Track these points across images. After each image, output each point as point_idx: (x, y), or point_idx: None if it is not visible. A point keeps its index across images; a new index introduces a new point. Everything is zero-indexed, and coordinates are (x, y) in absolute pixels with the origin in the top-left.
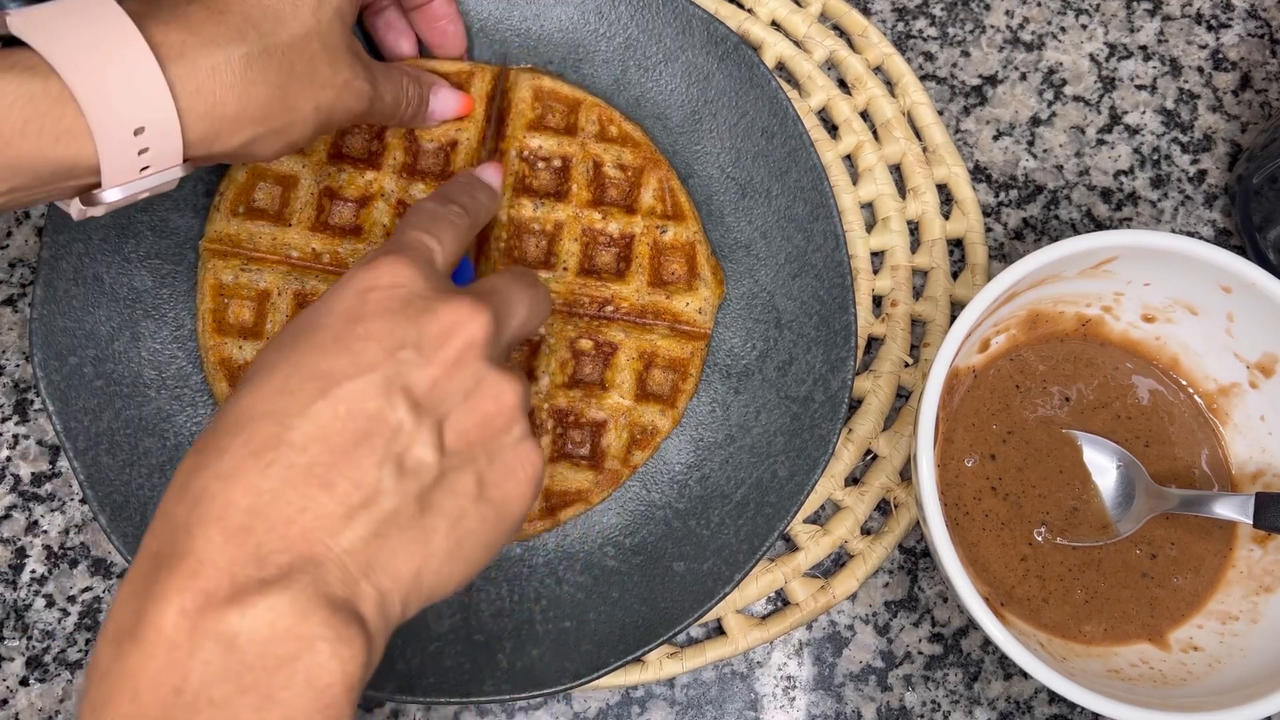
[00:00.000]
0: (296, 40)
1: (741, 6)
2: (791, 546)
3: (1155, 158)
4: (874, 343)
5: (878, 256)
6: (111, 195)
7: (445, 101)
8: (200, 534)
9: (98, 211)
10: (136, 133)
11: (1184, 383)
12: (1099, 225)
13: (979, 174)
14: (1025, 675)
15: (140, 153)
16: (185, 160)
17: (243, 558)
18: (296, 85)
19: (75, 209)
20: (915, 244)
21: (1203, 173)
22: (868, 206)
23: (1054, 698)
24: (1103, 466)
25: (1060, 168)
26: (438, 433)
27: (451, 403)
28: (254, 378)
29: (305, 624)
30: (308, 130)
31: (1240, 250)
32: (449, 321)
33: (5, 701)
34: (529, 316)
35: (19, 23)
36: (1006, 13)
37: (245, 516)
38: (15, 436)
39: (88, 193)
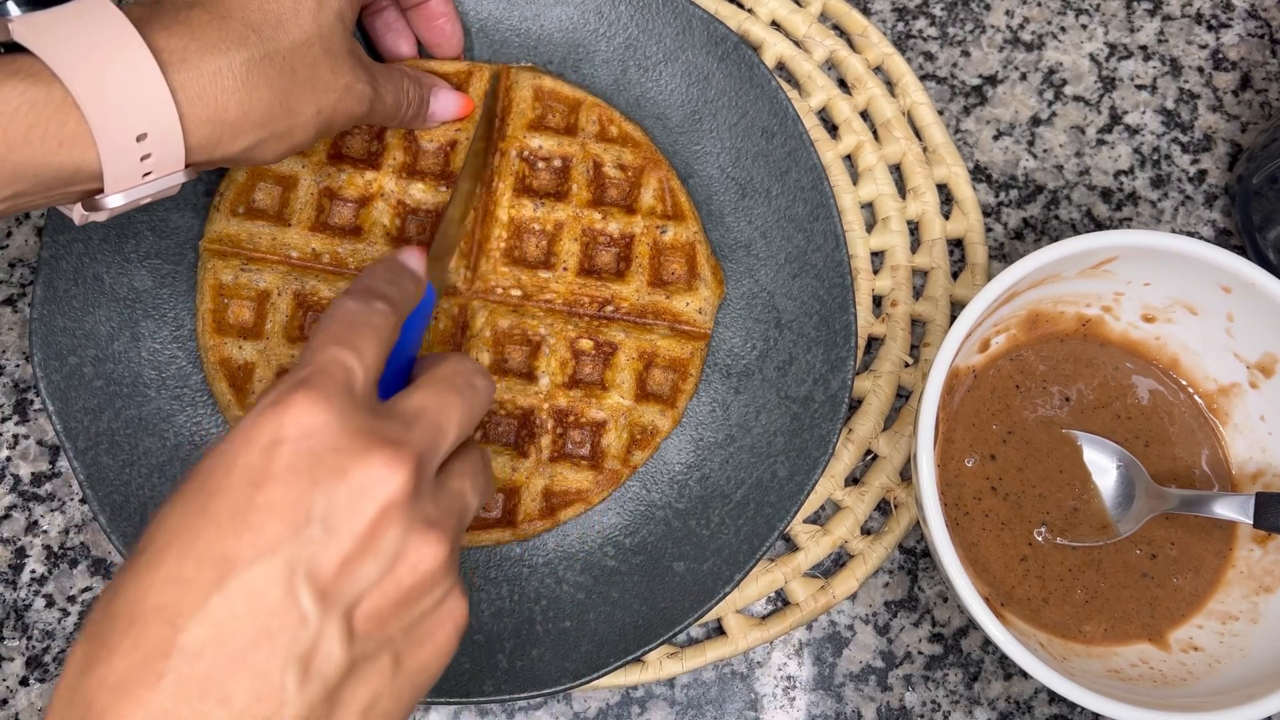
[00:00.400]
0: (298, 45)
1: (741, 6)
2: (791, 546)
3: (1155, 158)
4: (874, 343)
5: (878, 256)
6: (114, 201)
7: (445, 103)
8: None
9: (100, 217)
10: (139, 138)
11: (1184, 383)
12: (1099, 225)
13: (979, 174)
14: (1025, 675)
15: (143, 158)
16: (188, 165)
17: None
18: (298, 89)
19: (77, 214)
20: (915, 244)
21: (1203, 173)
22: (868, 206)
23: (1054, 698)
24: (1103, 466)
25: (1060, 168)
26: (347, 622)
27: (364, 582)
28: (146, 551)
29: None
30: (310, 133)
31: (1240, 250)
32: (362, 485)
33: (5, 701)
34: (467, 419)
35: (21, 29)
36: (1006, 13)
37: None
38: (15, 436)
39: (90, 198)
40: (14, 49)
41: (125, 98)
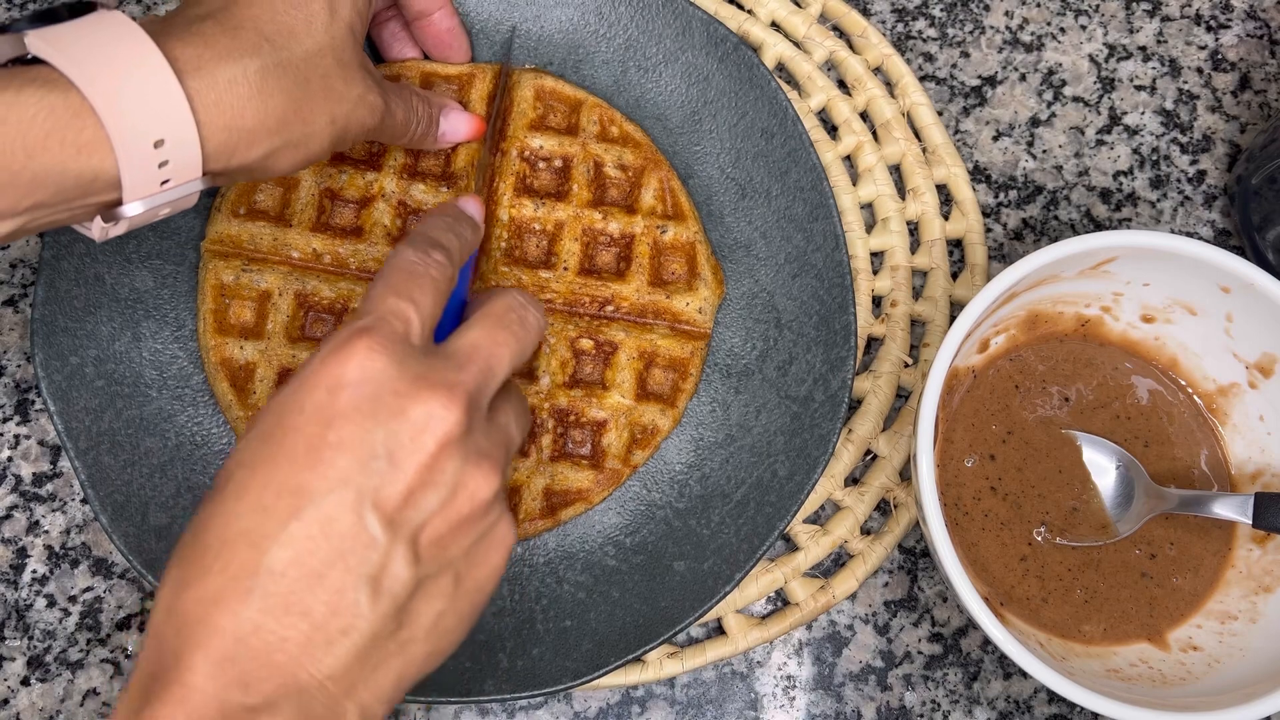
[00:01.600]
0: (310, 54)
1: (741, 7)
2: (791, 546)
3: (1154, 158)
4: (874, 343)
5: (877, 257)
6: (133, 209)
7: (455, 123)
8: (188, 661)
9: (119, 229)
10: (156, 144)
11: (1183, 383)
12: (1098, 226)
13: (978, 174)
14: (1025, 675)
15: (160, 165)
16: (205, 174)
17: (230, 685)
18: (312, 98)
19: (97, 228)
20: (915, 244)
21: (1202, 173)
22: (867, 207)
23: (1053, 697)
24: (1102, 466)
25: (1060, 168)
26: (413, 545)
27: (426, 510)
28: (229, 483)
29: None
30: (324, 143)
31: (1239, 251)
32: (420, 422)
33: (6, 701)
34: (519, 354)
35: (38, 42)
36: (1006, 13)
37: (230, 644)
38: (16, 436)
39: (109, 209)
40: (31, 63)
41: (142, 103)
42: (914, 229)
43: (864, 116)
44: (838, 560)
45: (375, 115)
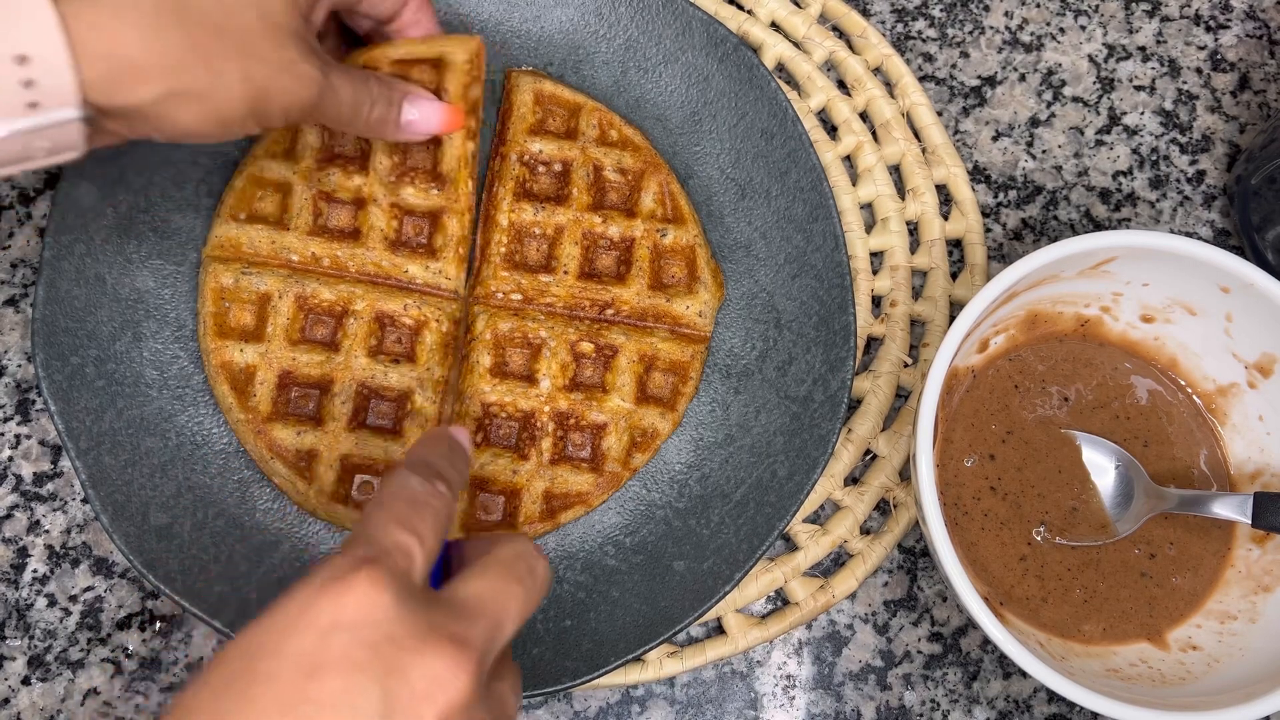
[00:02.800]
0: (228, 3)
1: (741, 8)
2: (791, 546)
3: (1154, 158)
4: (873, 343)
5: (877, 257)
6: None
7: (426, 112)
8: None
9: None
10: (19, 59)
11: (1183, 383)
12: (1098, 226)
13: (978, 174)
14: (1024, 674)
15: (25, 85)
16: (89, 109)
17: None
18: (223, 48)
19: None
20: (914, 244)
21: (1201, 173)
22: (867, 207)
23: (1053, 697)
24: (1102, 466)
25: (1059, 168)
26: None
27: None
28: None
29: None
30: (236, 103)
31: (1239, 251)
32: (423, 686)
33: (7, 701)
34: (526, 610)
35: None
36: (1005, 14)
37: None
38: (17, 436)
39: None
40: None
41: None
42: (914, 229)
43: (864, 117)
44: (837, 560)
45: (308, 87)
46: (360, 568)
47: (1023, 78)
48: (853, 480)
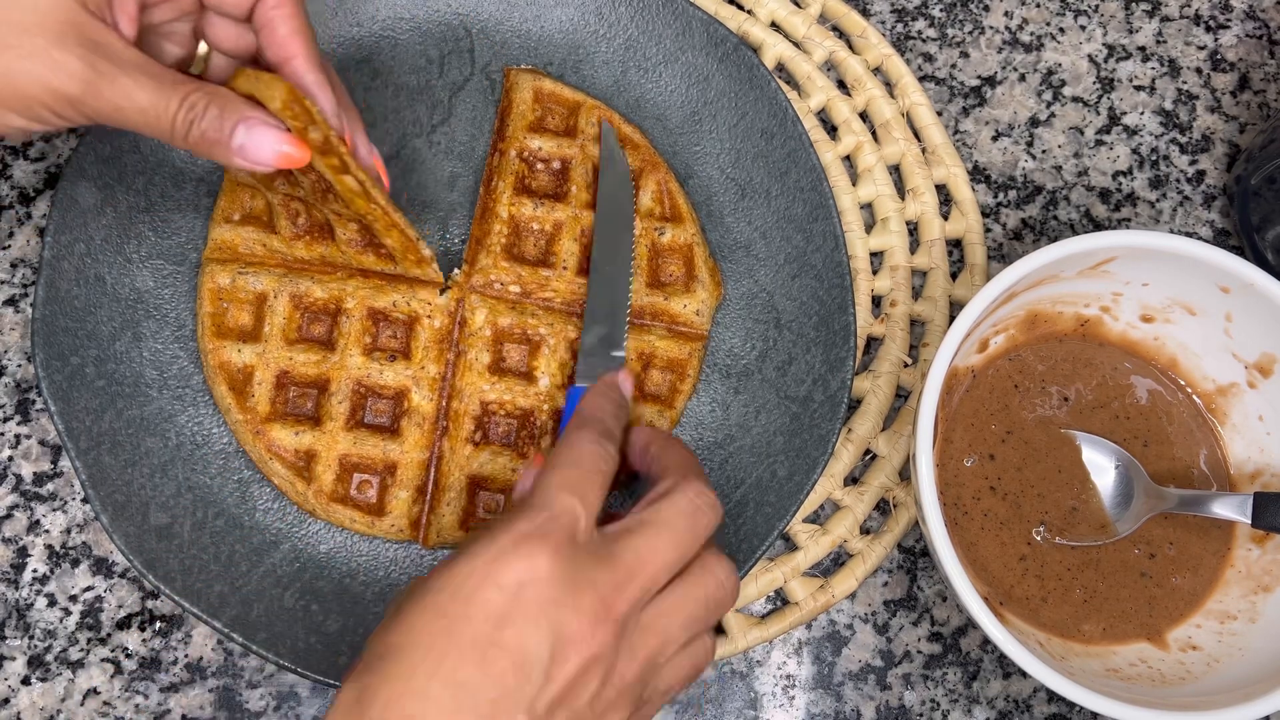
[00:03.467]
0: None
1: (741, 8)
2: (791, 546)
3: (1154, 158)
4: (873, 343)
5: (877, 257)
6: None
7: (259, 140)
8: None
9: None
10: None
11: (1182, 383)
12: (1098, 226)
13: (978, 174)
14: (1024, 674)
15: None
16: None
17: None
18: None
19: None
20: (914, 244)
21: (1201, 173)
22: (867, 207)
23: (1053, 697)
24: (1101, 466)
25: (1059, 168)
26: None
27: (567, 713)
28: (398, 655)
29: None
30: None
31: (1239, 250)
32: (577, 637)
33: (7, 701)
34: (681, 563)
35: None
36: (1005, 14)
37: None
38: (17, 436)
39: None
40: None
41: None
42: (913, 229)
43: (864, 117)
44: (837, 560)
45: (73, 84)
46: (537, 539)
47: (1023, 78)
48: (853, 480)
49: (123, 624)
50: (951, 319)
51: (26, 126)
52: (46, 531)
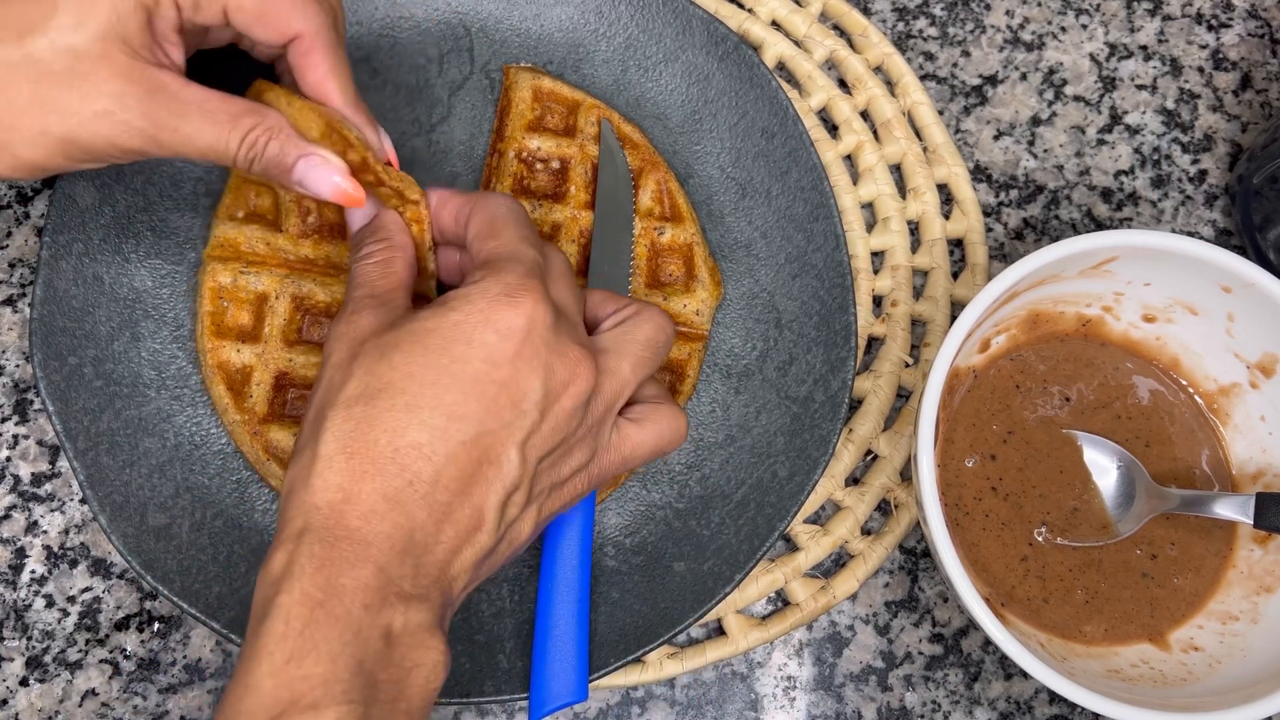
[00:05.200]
0: (29, 58)
1: (741, 6)
2: (792, 546)
3: (1156, 158)
4: (874, 343)
5: (878, 256)
6: None
7: (318, 176)
8: (377, 548)
9: None
10: None
11: (1184, 383)
12: (1099, 225)
13: (979, 174)
14: (1026, 675)
15: None
16: None
17: (403, 575)
18: (12, 103)
19: None
20: (915, 244)
21: (1203, 173)
22: (868, 206)
23: (1054, 698)
24: (1103, 466)
25: (1060, 168)
26: (533, 479)
27: (546, 453)
28: (397, 389)
29: (431, 638)
30: (40, 153)
31: (1240, 250)
32: (566, 377)
33: (5, 702)
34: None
35: None
36: (1007, 12)
37: (405, 541)
38: (15, 436)
39: None
40: None
41: None
42: (915, 228)
43: (864, 116)
44: (838, 560)
45: (132, 138)
46: (526, 284)
47: (1024, 77)
48: (853, 481)
49: (121, 625)
50: (953, 319)
51: (79, 168)
52: (45, 532)
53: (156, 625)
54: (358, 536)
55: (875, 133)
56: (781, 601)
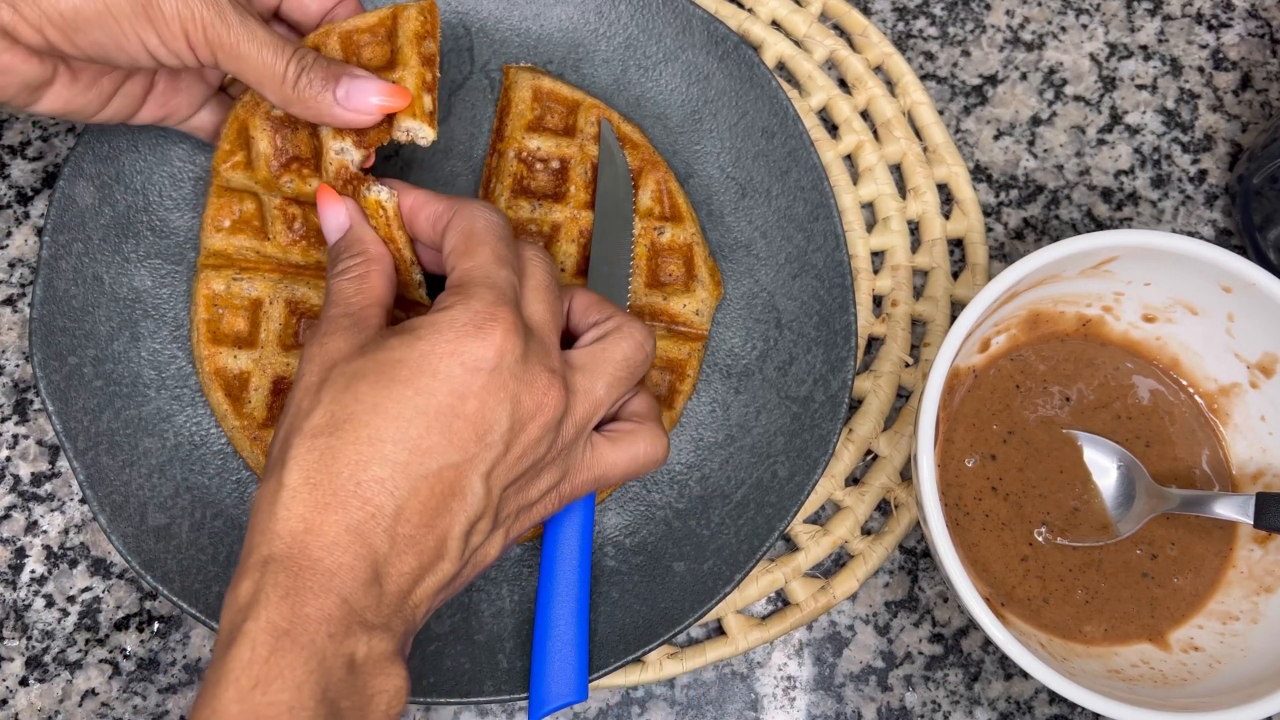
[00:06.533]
0: None
1: (741, 6)
2: (792, 546)
3: (1156, 157)
4: (874, 343)
5: (878, 256)
6: None
7: (361, 89)
8: (340, 579)
9: None
10: None
11: (1184, 383)
12: (1099, 225)
13: (979, 174)
14: (1026, 675)
15: None
16: None
17: (370, 604)
18: None
19: None
20: (915, 244)
21: (1203, 172)
22: (868, 206)
23: (1054, 698)
24: (1103, 466)
25: (1061, 167)
26: (498, 507)
27: (512, 481)
28: (359, 423)
29: (393, 665)
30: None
31: (1241, 250)
32: (533, 407)
33: (5, 701)
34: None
35: None
36: (1007, 12)
37: (368, 571)
38: (15, 436)
39: None
40: None
41: None
42: (915, 228)
43: (864, 115)
44: (838, 560)
45: (210, 11)
46: (495, 313)
47: (1024, 76)
48: (853, 480)
49: (121, 625)
50: (953, 319)
51: (154, 49)
52: (44, 532)
53: (156, 625)
54: (321, 567)
55: (875, 132)
56: (781, 601)
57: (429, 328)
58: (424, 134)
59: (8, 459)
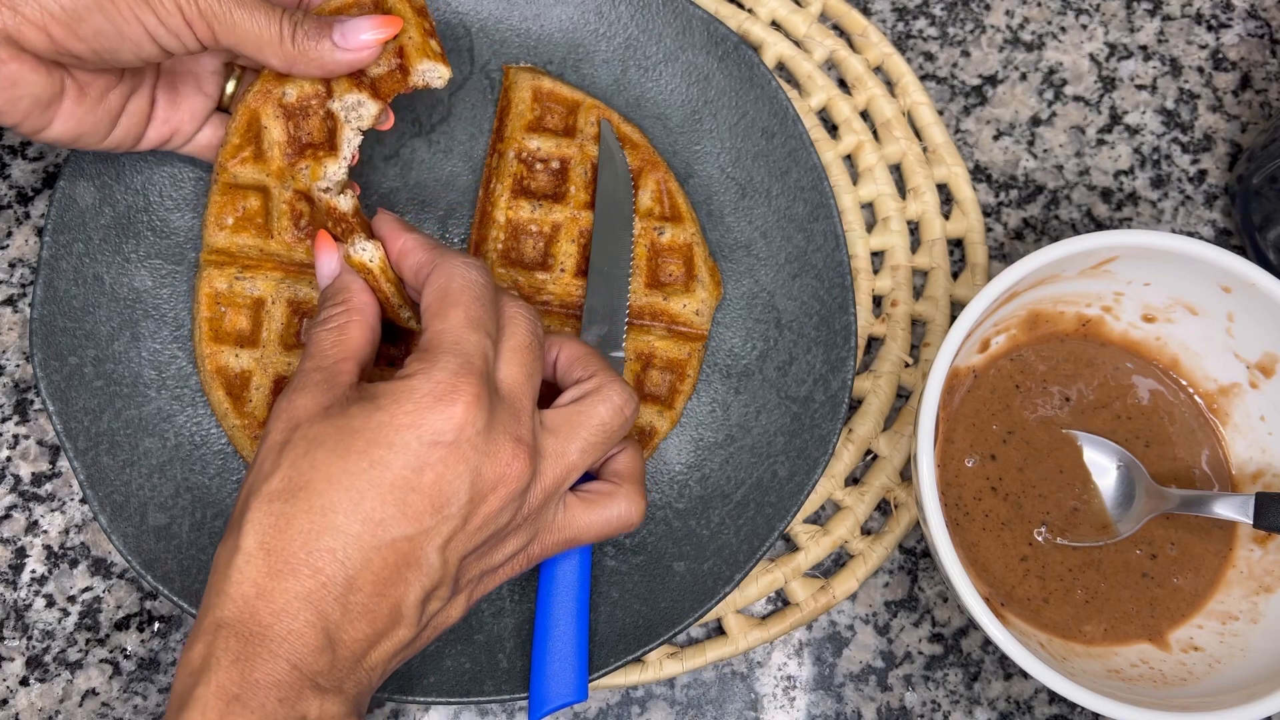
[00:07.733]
0: None
1: (741, 6)
2: (791, 546)
3: (1155, 158)
4: (874, 343)
5: (878, 256)
6: None
7: (354, 26)
8: (290, 645)
9: None
10: None
11: (1184, 383)
12: (1099, 225)
13: (979, 174)
14: (1025, 675)
15: None
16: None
17: (322, 669)
18: None
19: None
20: (915, 244)
21: (1203, 173)
22: (868, 206)
23: (1054, 698)
24: (1103, 466)
25: (1060, 168)
26: (456, 575)
27: (472, 549)
28: (313, 492)
29: None
30: None
31: (1240, 250)
32: (494, 478)
33: (5, 701)
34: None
35: None
36: (1007, 13)
37: (320, 638)
38: (15, 436)
39: None
40: None
41: None
42: (914, 228)
43: (864, 116)
44: (838, 560)
45: (194, 10)
46: (458, 384)
47: (1024, 77)
48: (853, 480)
49: (121, 625)
50: (953, 319)
51: (154, 30)
52: (45, 532)
53: (156, 625)
54: (271, 633)
55: (875, 133)
56: (781, 601)
57: (389, 397)
58: (439, 73)
59: (8, 459)
